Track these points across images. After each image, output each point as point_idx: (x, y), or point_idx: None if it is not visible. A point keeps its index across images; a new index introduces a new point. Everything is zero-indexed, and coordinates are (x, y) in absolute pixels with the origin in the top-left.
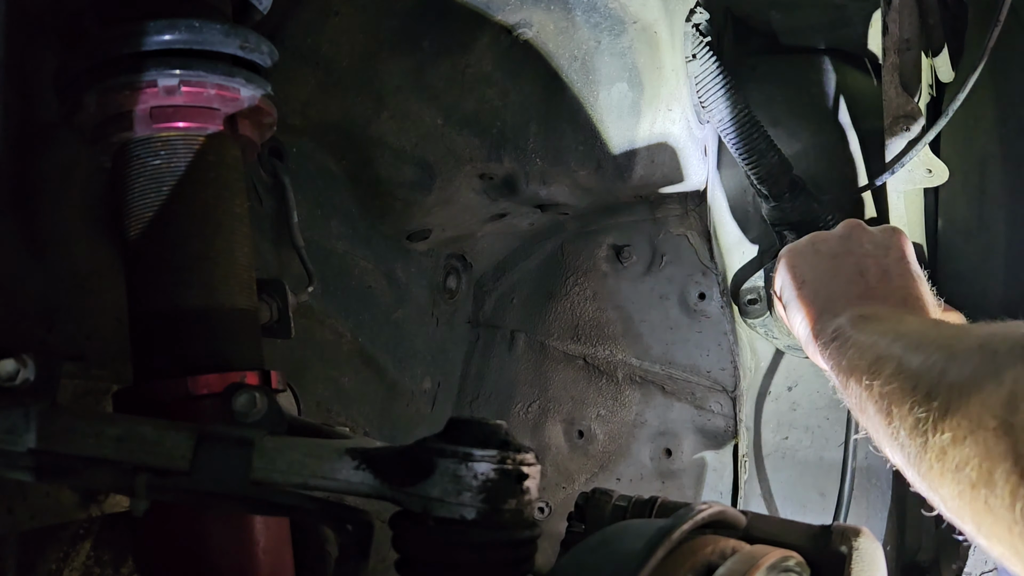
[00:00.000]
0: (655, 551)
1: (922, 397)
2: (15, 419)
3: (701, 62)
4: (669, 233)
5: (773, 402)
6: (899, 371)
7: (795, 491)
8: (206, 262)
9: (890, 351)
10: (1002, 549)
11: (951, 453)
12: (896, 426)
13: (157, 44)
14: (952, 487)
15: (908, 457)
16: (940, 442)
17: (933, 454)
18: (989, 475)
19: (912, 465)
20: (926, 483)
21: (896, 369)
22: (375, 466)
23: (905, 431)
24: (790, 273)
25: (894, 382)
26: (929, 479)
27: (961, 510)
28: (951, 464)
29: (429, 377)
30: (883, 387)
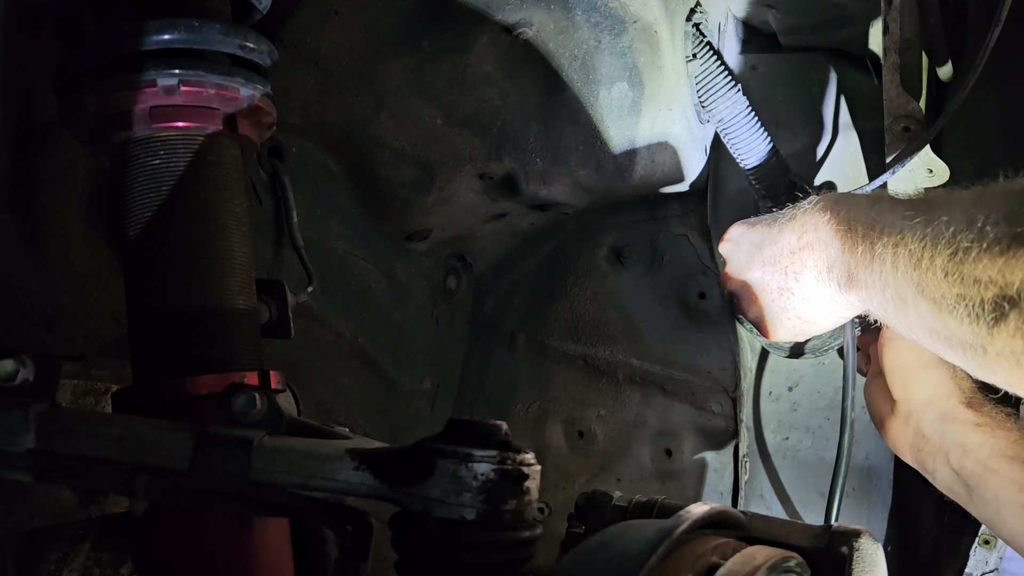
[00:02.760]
0: (655, 551)
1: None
2: (14, 419)
3: (701, 62)
4: (669, 233)
5: (774, 402)
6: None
7: (796, 492)
8: (205, 262)
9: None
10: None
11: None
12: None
13: (156, 44)
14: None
15: (983, 317)
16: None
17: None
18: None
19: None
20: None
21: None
22: (375, 466)
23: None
24: (761, 295)
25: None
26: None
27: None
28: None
29: (429, 377)
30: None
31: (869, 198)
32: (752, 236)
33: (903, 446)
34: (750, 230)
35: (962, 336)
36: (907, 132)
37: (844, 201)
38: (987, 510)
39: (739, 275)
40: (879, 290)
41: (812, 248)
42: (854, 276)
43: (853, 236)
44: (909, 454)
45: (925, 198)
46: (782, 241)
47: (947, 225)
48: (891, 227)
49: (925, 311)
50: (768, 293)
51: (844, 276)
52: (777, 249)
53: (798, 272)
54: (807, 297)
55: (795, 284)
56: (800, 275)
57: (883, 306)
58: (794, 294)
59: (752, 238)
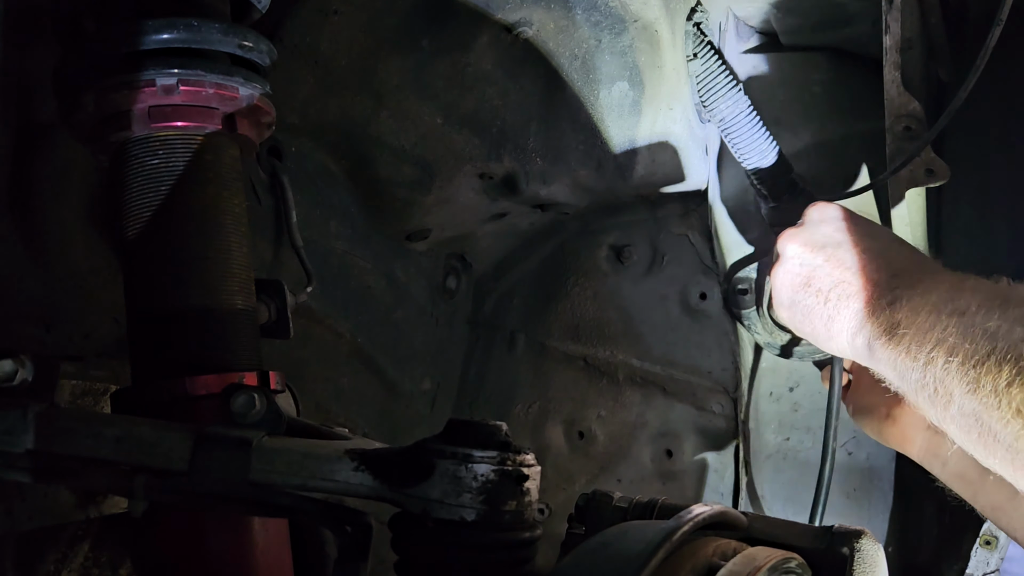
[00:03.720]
0: (656, 552)
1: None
2: (13, 420)
3: (702, 61)
4: (670, 233)
5: (775, 403)
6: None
7: (797, 492)
8: (204, 262)
9: (976, 325)
10: None
11: None
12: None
13: (155, 43)
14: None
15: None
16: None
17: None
18: None
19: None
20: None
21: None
22: (374, 467)
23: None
24: (795, 277)
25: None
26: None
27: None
28: None
29: (428, 378)
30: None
31: (950, 274)
32: (841, 227)
33: (909, 445)
34: (845, 221)
35: (1016, 452)
36: (908, 132)
37: (923, 266)
38: (998, 497)
39: (799, 244)
40: (918, 374)
41: (870, 288)
42: (896, 344)
43: (913, 307)
44: (915, 450)
45: (1002, 291)
46: (860, 265)
47: (1021, 334)
48: (962, 315)
49: (975, 412)
50: (808, 284)
51: (883, 339)
52: (850, 260)
53: (840, 299)
54: (834, 320)
55: (832, 303)
56: (841, 304)
57: (916, 390)
58: (825, 307)
59: (840, 228)
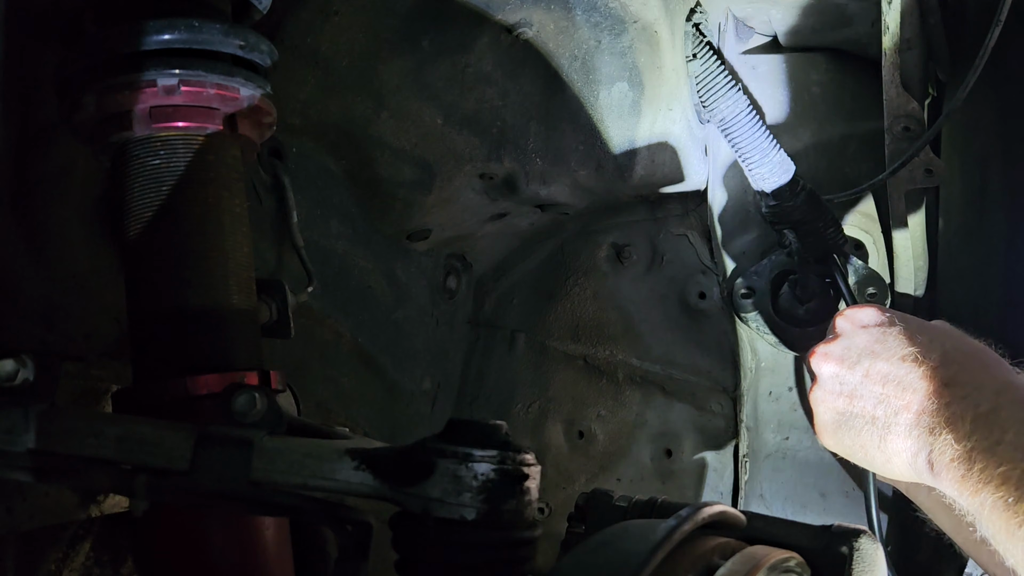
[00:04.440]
0: (656, 552)
1: None
2: (14, 419)
3: (702, 61)
4: (670, 233)
5: (774, 402)
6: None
7: (796, 492)
8: (205, 262)
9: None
10: None
11: None
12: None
13: (156, 44)
14: None
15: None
16: None
17: None
18: None
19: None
20: None
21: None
22: (375, 466)
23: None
24: (835, 399)
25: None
26: None
27: None
28: None
29: (429, 377)
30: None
31: (1012, 390)
32: (880, 336)
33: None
34: (884, 327)
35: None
36: (907, 132)
37: (984, 373)
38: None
39: (835, 363)
40: (973, 507)
41: (925, 403)
42: (967, 472)
43: (986, 430)
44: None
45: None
46: (902, 375)
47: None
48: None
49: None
50: (851, 406)
51: (948, 465)
52: (891, 372)
53: (889, 417)
54: (887, 440)
55: (881, 423)
56: (891, 422)
57: (1006, 539)
58: (874, 427)
59: (878, 337)
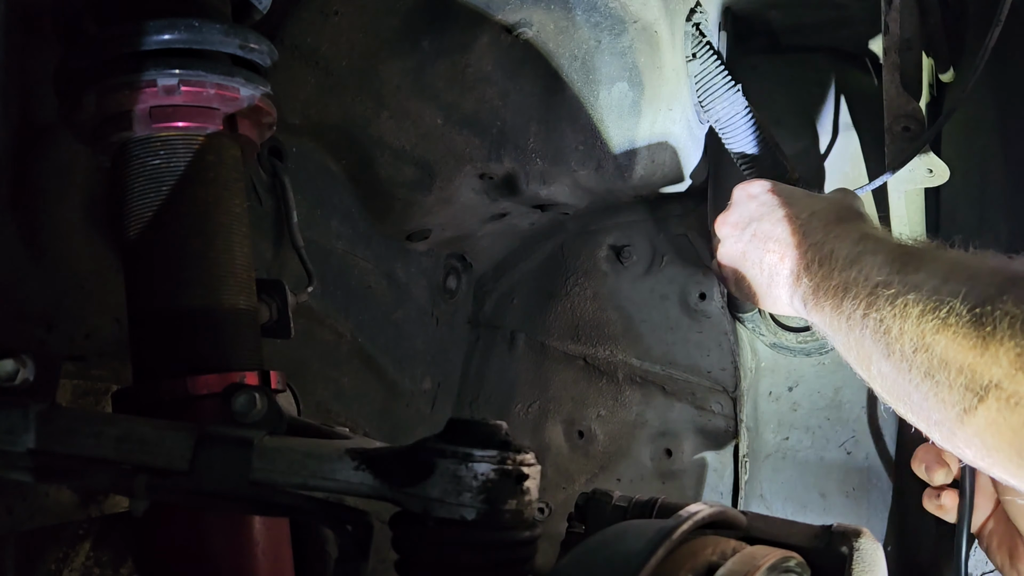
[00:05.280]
0: (656, 551)
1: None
2: (14, 419)
3: (701, 61)
4: (669, 233)
5: (774, 402)
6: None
7: (796, 492)
8: (205, 262)
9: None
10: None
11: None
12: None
13: (156, 44)
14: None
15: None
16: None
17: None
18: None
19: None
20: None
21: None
22: (375, 466)
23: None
24: (732, 255)
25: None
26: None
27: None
28: None
29: (429, 377)
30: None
31: (857, 233)
32: (766, 200)
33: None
34: (766, 194)
35: (928, 411)
36: (907, 132)
37: (837, 226)
38: None
39: (730, 226)
40: (843, 335)
41: (791, 253)
42: (820, 307)
43: (827, 271)
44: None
45: (908, 251)
46: (779, 233)
47: (918, 298)
48: (866, 280)
49: (890, 376)
50: (744, 260)
51: (810, 302)
52: (771, 231)
53: (772, 267)
54: (772, 287)
55: (767, 272)
56: (773, 271)
57: (845, 351)
58: (762, 276)
59: (766, 202)
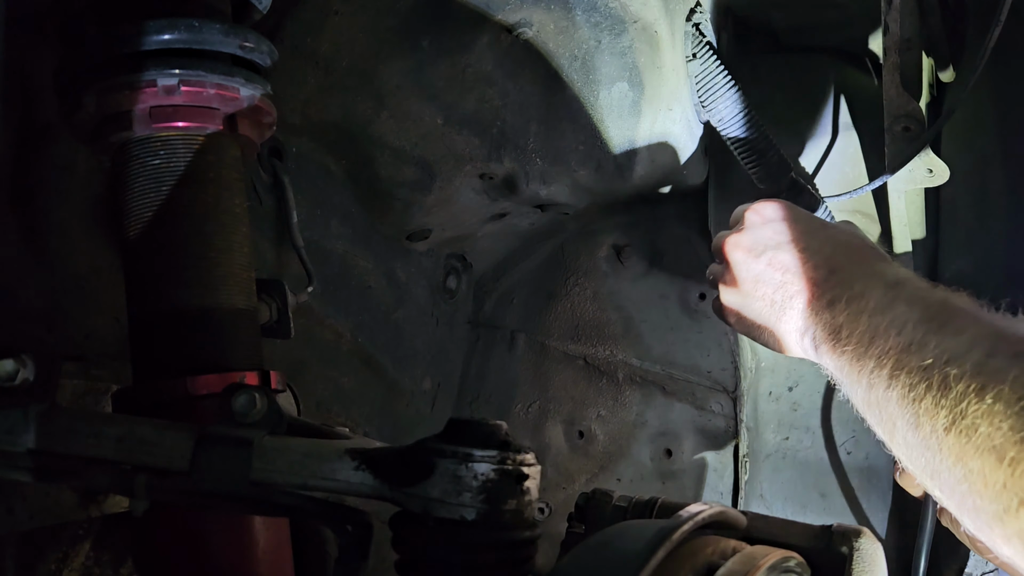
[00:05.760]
0: (656, 551)
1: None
2: (14, 419)
3: (701, 61)
4: (670, 233)
5: (774, 402)
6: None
7: (796, 492)
8: (205, 262)
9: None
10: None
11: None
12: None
13: (156, 44)
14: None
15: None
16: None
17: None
18: None
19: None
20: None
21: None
22: (375, 466)
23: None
24: (741, 284)
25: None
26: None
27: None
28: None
29: (429, 377)
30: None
31: (891, 277)
32: (784, 228)
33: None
34: (783, 221)
35: (962, 497)
36: (907, 132)
37: (865, 265)
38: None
39: (742, 251)
40: (863, 390)
41: (812, 288)
42: (839, 351)
43: (854, 313)
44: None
45: (947, 308)
46: (799, 264)
47: (960, 372)
48: (899, 334)
49: (917, 449)
50: (754, 290)
51: (827, 343)
52: (789, 261)
53: (785, 301)
54: (782, 321)
55: (778, 306)
56: (786, 306)
57: (863, 407)
58: (772, 310)
59: (783, 229)
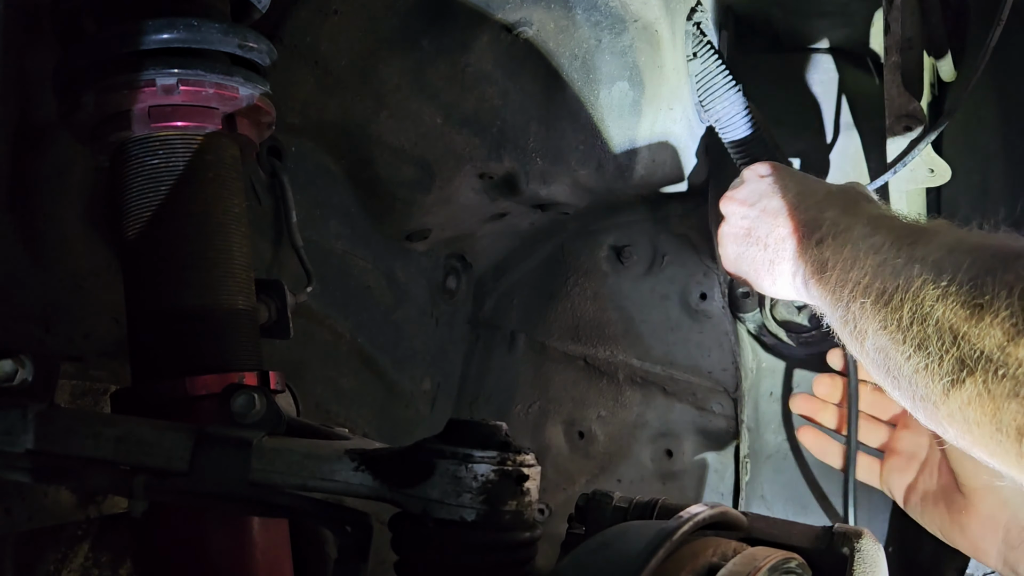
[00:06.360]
0: (656, 552)
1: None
2: (13, 420)
3: (702, 61)
4: (670, 233)
5: (775, 403)
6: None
7: (797, 492)
8: (204, 262)
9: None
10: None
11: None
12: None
13: (155, 43)
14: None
15: (932, 374)
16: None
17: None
18: None
19: (936, 385)
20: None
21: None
22: (374, 467)
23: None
24: (736, 231)
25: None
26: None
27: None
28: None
29: (429, 378)
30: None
31: (875, 212)
32: (778, 179)
33: (984, 557)
34: (775, 172)
35: (915, 386)
36: (908, 131)
37: (853, 206)
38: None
39: (738, 203)
40: (842, 308)
41: (801, 228)
42: (824, 280)
43: (839, 244)
44: (992, 562)
45: (919, 227)
46: (789, 211)
47: (922, 269)
48: (876, 253)
49: (883, 350)
50: (748, 236)
51: (815, 276)
52: (780, 208)
53: (778, 243)
54: (776, 263)
55: (772, 248)
56: (779, 248)
57: (841, 325)
58: (766, 253)
59: (777, 180)
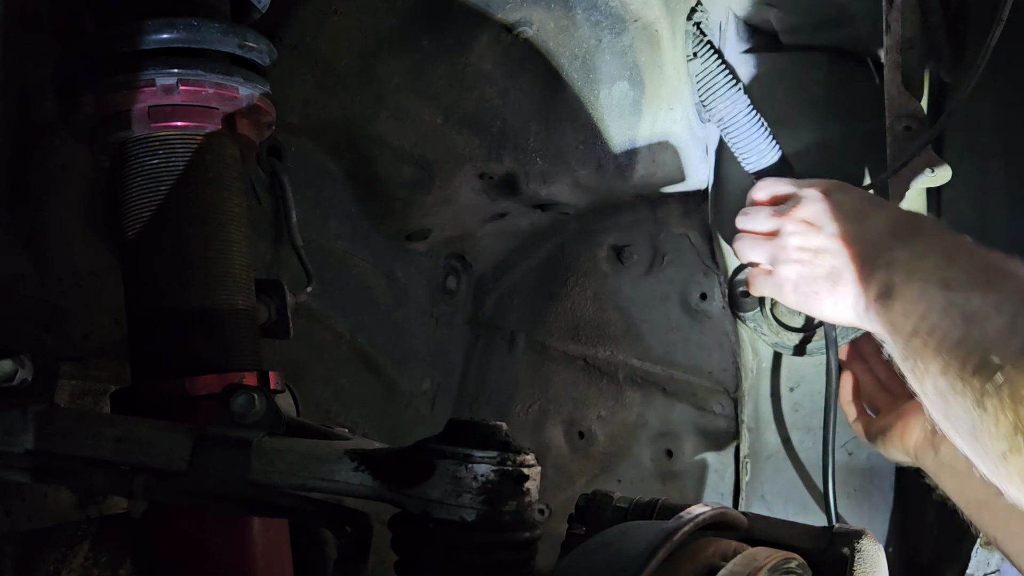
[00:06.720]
0: (657, 553)
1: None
2: (13, 420)
3: (702, 60)
4: (670, 233)
5: (775, 403)
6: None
7: (797, 492)
8: (204, 262)
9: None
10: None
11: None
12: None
13: (155, 43)
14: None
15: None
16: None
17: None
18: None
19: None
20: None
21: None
22: (374, 467)
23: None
24: (799, 255)
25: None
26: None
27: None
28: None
29: (429, 378)
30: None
31: (952, 241)
32: (846, 200)
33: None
34: (849, 195)
35: (975, 439)
36: (908, 132)
37: (915, 231)
38: (984, 492)
39: (808, 222)
40: (903, 340)
41: (878, 254)
42: (888, 307)
43: (908, 272)
44: (912, 442)
45: (990, 268)
46: (859, 233)
47: (995, 324)
48: (947, 288)
49: (944, 392)
50: (814, 260)
51: (881, 302)
52: (851, 231)
53: (844, 267)
54: (839, 285)
55: (837, 273)
56: (844, 271)
57: (903, 357)
58: (829, 278)
59: (844, 201)
